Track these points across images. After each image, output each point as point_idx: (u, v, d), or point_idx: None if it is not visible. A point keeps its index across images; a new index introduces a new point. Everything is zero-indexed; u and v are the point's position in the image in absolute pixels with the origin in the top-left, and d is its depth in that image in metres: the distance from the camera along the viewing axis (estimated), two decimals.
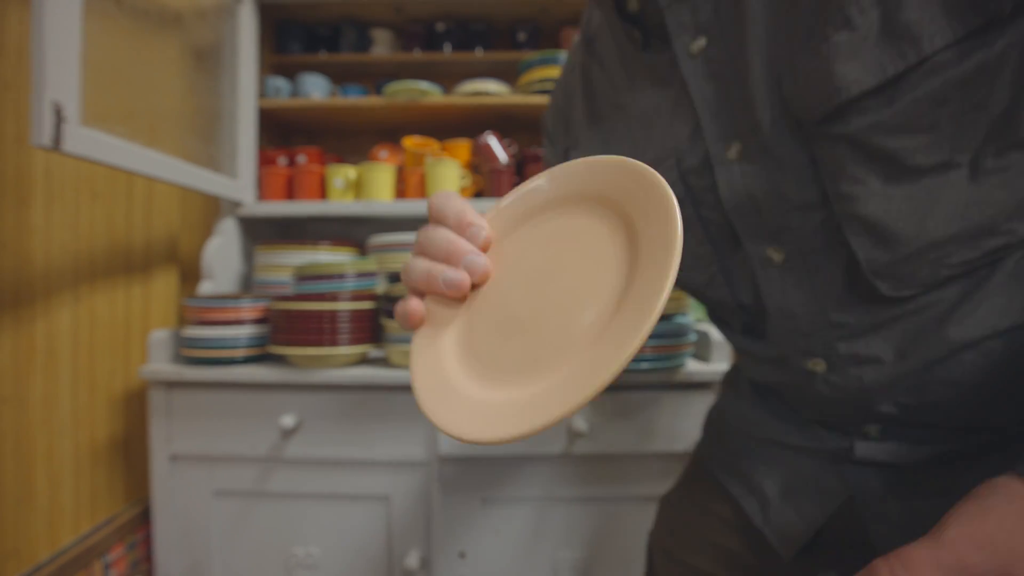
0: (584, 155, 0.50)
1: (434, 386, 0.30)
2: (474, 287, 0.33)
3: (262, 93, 1.41)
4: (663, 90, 0.46)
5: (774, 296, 0.46)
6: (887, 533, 0.45)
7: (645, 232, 0.28)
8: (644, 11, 0.47)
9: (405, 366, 1.04)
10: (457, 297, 0.33)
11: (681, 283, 0.53)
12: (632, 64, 0.50)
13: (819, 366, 0.46)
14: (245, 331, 1.08)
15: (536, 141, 1.61)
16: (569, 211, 0.32)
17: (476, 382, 0.29)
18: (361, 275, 1.12)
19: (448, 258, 0.33)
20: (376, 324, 1.09)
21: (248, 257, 1.39)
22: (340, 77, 1.52)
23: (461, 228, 0.33)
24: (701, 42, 0.42)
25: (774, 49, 0.38)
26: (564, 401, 0.25)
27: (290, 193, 1.37)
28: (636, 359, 0.95)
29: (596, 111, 0.55)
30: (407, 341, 1.01)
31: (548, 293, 0.30)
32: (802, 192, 0.40)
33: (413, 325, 0.34)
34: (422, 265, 0.33)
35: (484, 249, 0.34)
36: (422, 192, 1.34)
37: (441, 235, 0.33)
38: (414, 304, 0.34)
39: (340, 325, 1.02)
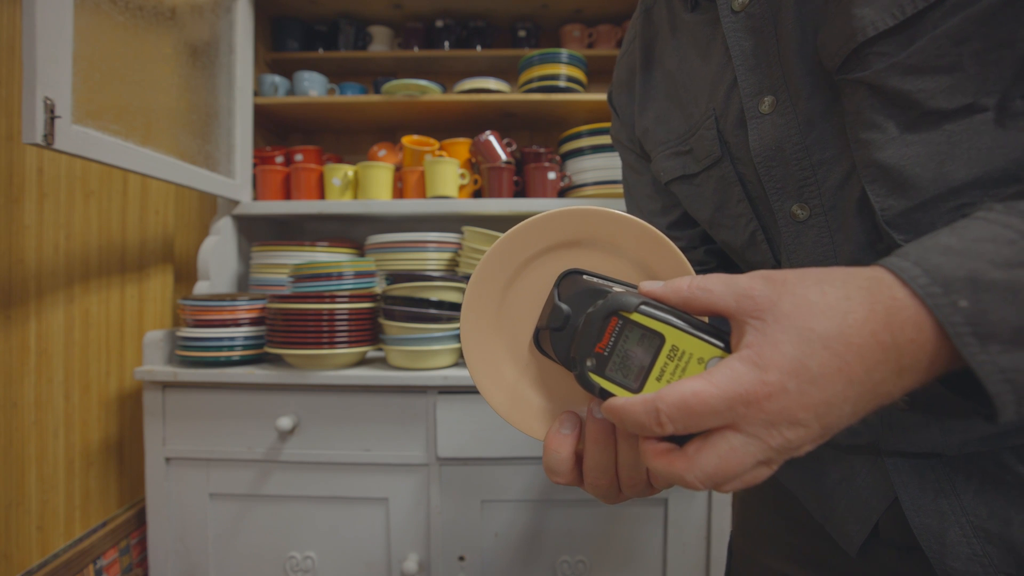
0: (647, 123, 0.57)
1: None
2: None
3: (259, 91, 1.39)
4: (704, 50, 0.50)
5: (797, 254, 0.46)
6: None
7: None
8: None
9: (404, 367, 1.03)
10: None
11: (725, 245, 0.54)
12: (679, 27, 0.53)
13: None
14: (241, 331, 1.07)
15: (536, 139, 1.60)
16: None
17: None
18: (359, 275, 1.10)
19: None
20: (375, 324, 1.07)
21: (244, 257, 1.37)
22: (338, 74, 1.51)
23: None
24: None
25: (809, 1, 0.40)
26: None
27: (287, 192, 1.36)
28: None
29: (652, 79, 0.57)
30: (406, 342, 1.00)
31: None
32: (826, 146, 0.42)
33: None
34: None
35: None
36: (421, 191, 1.32)
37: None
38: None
39: (338, 325, 1.01)
